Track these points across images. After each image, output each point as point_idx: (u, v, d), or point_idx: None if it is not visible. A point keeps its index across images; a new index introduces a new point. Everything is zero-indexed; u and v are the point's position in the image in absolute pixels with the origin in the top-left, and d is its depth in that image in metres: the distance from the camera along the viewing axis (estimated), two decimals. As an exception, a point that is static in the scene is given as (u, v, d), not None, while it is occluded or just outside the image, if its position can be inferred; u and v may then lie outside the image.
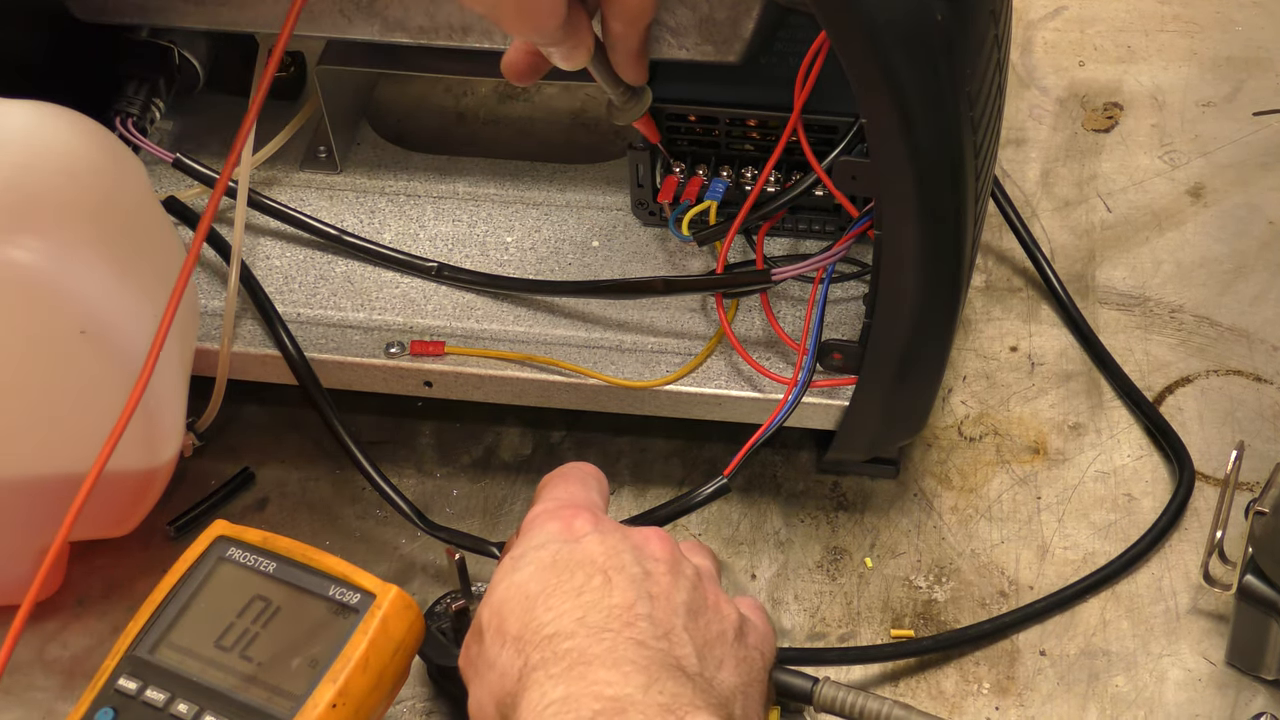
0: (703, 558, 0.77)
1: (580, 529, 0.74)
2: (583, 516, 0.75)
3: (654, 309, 0.94)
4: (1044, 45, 1.23)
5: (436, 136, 1.07)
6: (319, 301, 0.96)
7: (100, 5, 0.93)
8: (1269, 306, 1.03)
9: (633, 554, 0.72)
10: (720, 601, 0.73)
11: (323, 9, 0.90)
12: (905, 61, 0.73)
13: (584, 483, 0.79)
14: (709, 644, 0.71)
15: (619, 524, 0.75)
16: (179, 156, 0.99)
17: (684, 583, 0.72)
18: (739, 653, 0.72)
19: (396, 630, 0.77)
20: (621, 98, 0.83)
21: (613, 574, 0.70)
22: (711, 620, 0.72)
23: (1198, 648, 0.86)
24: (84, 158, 0.80)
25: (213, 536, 0.81)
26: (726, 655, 0.71)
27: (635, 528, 0.75)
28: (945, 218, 0.79)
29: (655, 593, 0.71)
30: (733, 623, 0.73)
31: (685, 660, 0.69)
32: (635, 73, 0.82)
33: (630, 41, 0.79)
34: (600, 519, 0.75)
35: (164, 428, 0.83)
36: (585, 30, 0.76)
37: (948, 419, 0.98)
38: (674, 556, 0.73)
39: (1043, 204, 1.10)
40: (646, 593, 0.70)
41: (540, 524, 0.75)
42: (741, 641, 0.73)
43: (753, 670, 0.73)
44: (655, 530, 0.75)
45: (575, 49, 0.76)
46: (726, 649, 0.72)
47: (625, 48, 0.79)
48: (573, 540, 0.73)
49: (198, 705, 0.76)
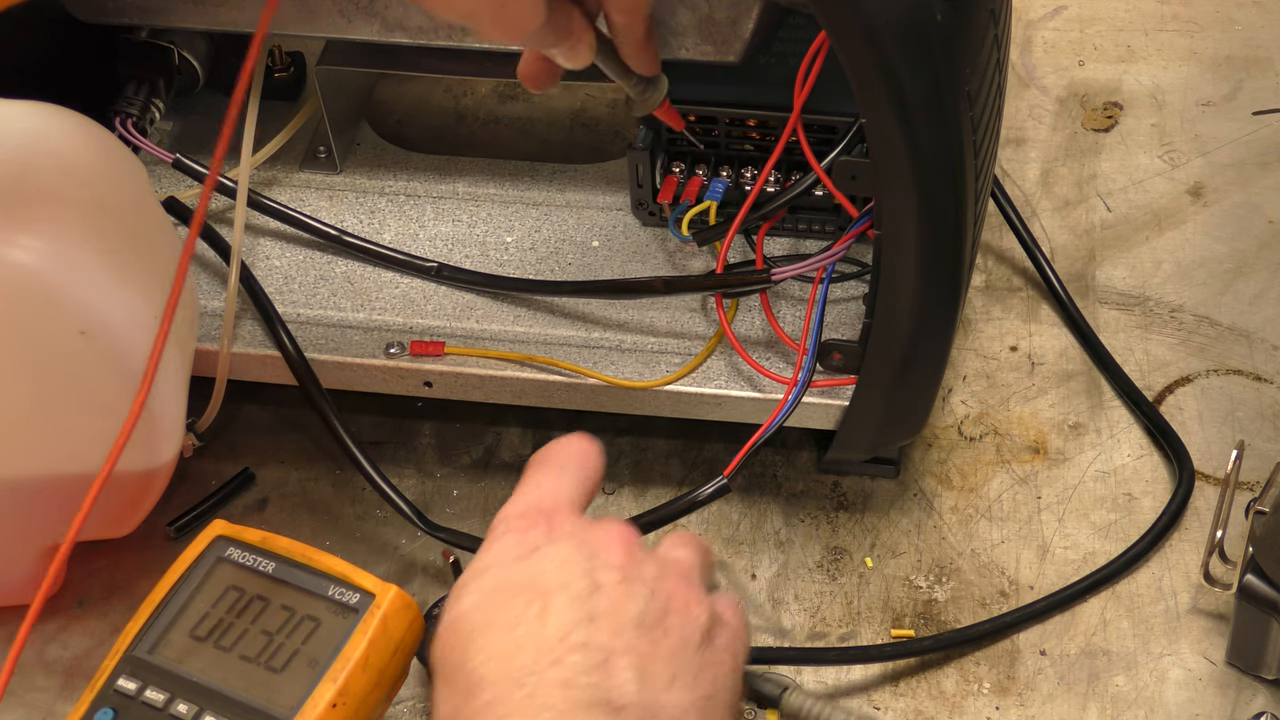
0: (685, 550, 0.73)
1: (534, 540, 0.69)
2: (539, 526, 0.70)
3: (654, 309, 0.94)
4: (1044, 45, 1.23)
5: (436, 136, 1.07)
6: (319, 302, 0.96)
7: (100, 6, 0.93)
8: (1269, 306, 1.03)
9: (584, 566, 0.68)
10: (690, 602, 0.69)
11: (323, 9, 0.90)
12: (905, 61, 0.73)
13: (560, 473, 0.74)
14: (661, 659, 0.67)
15: (581, 526, 0.71)
16: (179, 157, 0.99)
17: (639, 591, 0.68)
18: (703, 658, 0.68)
19: (396, 630, 0.77)
20: (637, 89, 0.82)
21: (553, 597, 0.67)
22: (671, 628, 0.68)
23: (1198, 647, 0.86)
24: (84, 158, 0.81)
25: (211, 536, 0.81)
26: (683, 668, 0.67)
27: (599, 528, 0.70)
28: (945, 217, 0.79)
29: (600, 610, 0.66)
30: (699, 625, 0.69)
31: (619, 690, 0.65)
32: (645, 62, 0.80)
33: (635, 31, 0.77)
34: (558, 525, 0.70)
35: (164, 428, 0.83)
36: (580, 27, 0.74)
37: (948, 419, 0.98)
38: (631, 561, 0.69)
39: (1043, 204, 1.10)
40: (588, 614, 0.66)
41: (496, 538, 0.71)
42: (708, 645, 0.69)
43: (718, 678, 0.68)
44: (618, 531, 0.70)
45: (575, 47, 0.74)
46: (685, 659, 0.67)
47: (631, 38, 0.78)
48: (524, 557, 0.69)
49: (197, 705, 0.75)
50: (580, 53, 0.75)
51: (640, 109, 0.84)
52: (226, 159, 1.02)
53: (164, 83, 1.01)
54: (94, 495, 0.74)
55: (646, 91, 0.82)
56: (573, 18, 0.73)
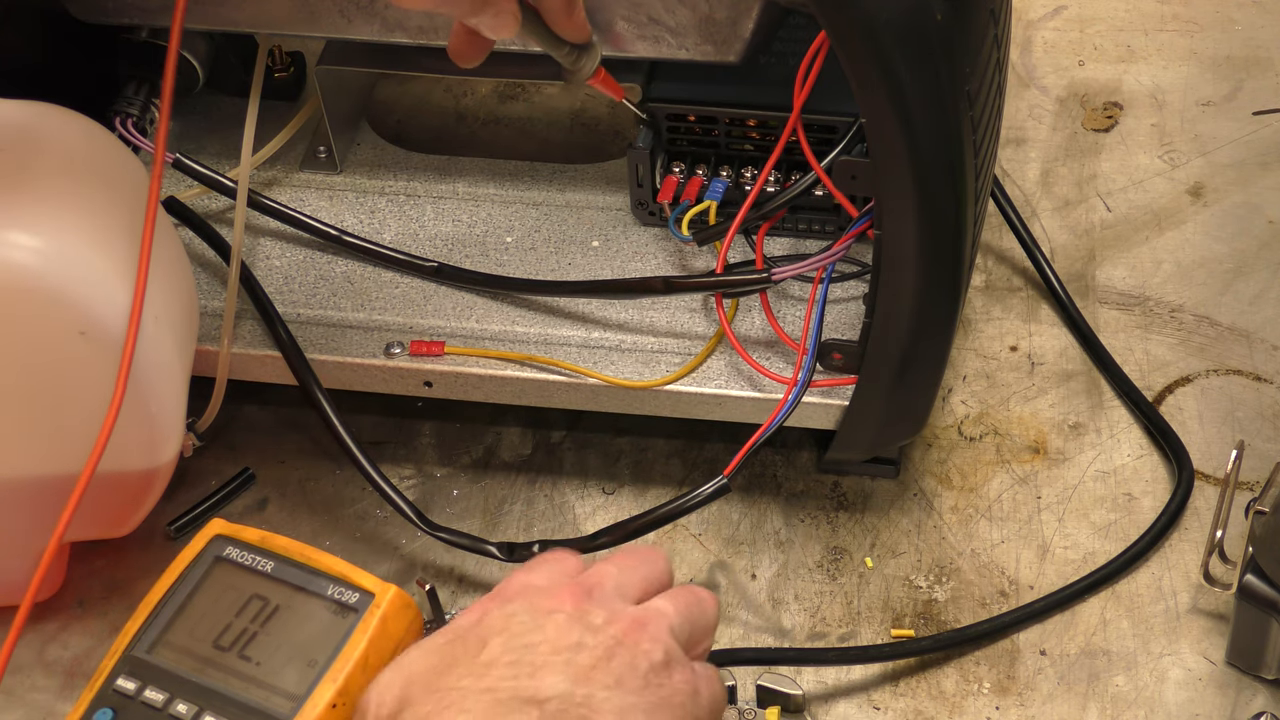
0: (663, 601, 0.71)
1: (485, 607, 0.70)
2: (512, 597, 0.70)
3: (654, 309, 0.94)
4: (1044, 45, 1.23)
5: (436, 136, 1.07)
6: (319, 301, 0.96)
7: (100, 5, 0.93)
8: (1269, 306, 1.03)
9: (529, 617, 0.68)
10: (641, 640, 0.67)
11: (323, 9, 0.90)
12: (905, 61, 0.73)
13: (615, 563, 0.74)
14: (601, 670, 0.66)
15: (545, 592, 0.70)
16: (179, 156, 0.99)
17: (580, 627, 0.67)
18: (656, 680, 0.67)
19: (396, 630, 0.77)
20: (569, 59, 0.79)
21: (492, 639, 0.67)
22: (616, 654, 0.67)
23: (1198, 647, 0.86)
24: (84, 158, 0.81)
25: (210, 535, 0.81)
26: (627, 676, 0.66)
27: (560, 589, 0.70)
28: (945, 217, 0.79)
29: (536, 642, 0.66)
30: (649, 658, 0.67)
31: (546, 689, 0.65)
32: (572, 28, 0.77)
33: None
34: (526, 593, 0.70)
35: (164, 428, 0.83)
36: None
37: (948, 419, 0.98)
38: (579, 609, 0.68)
39: (1042, 204, 1.10)
40: (524, 644, 0.66)
41: None
42: (664, 674, 0.67)
43: (670, 699, 0.67)
44: (570, 588, 0.69)
45: (498, 16, 0.71)
46: (631, 674, 0.66)
47: (554, 3, 0.75)
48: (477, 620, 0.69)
49: (197, 705, 0.75)
50: (504, 22, 0.72)
51: (575, 80, 0.81)
52: (226, 159, 1.02)
53: (164, 82, 1.01)
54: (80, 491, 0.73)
55: (579, 60, 0.79)
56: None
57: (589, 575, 0.71)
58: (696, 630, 0.71)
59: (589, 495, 0.95)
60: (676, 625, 0.70)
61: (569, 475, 0.96)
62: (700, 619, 0.72)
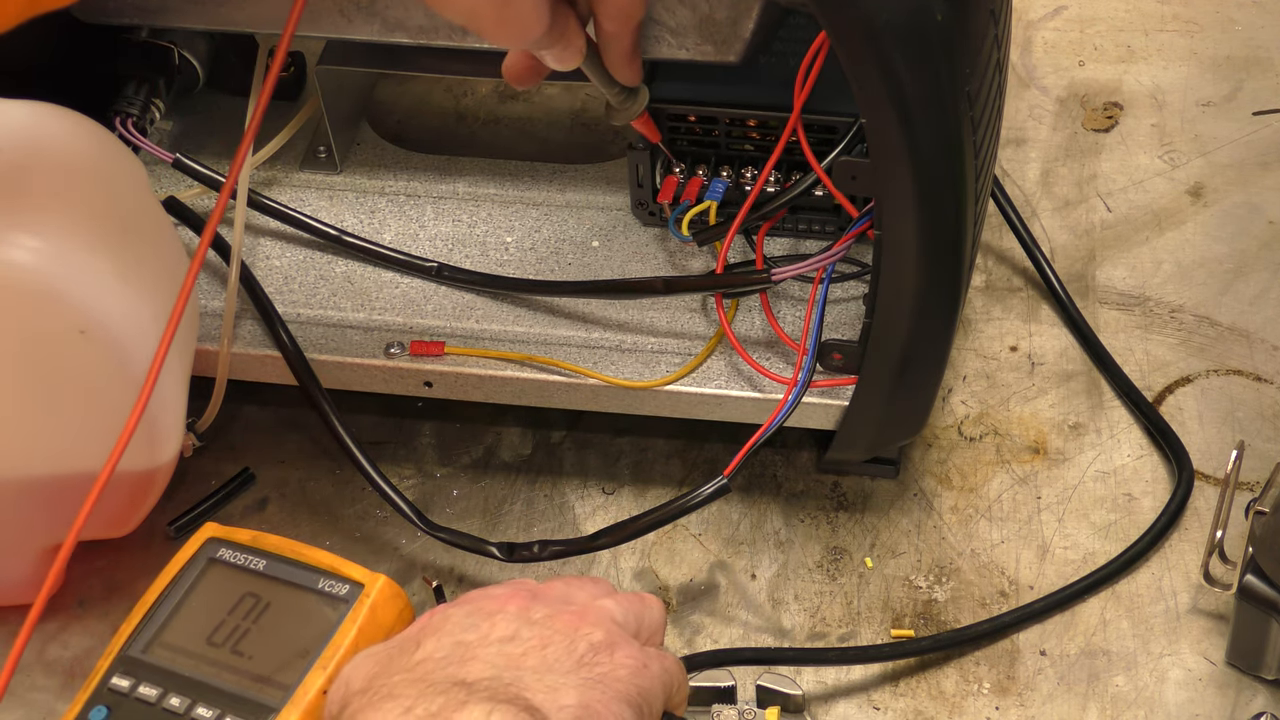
0: (609, 600, 0.72)
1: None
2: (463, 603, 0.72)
3: (654, 309, 0.94)
4: (1044, 45, 1.23)
5: (436, 136, 1.07)
6: (319, 302, 0.96)
7: (100, 5, 0.93)
8: (1269, 306, 1.03)
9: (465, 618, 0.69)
10: (579, 625, 0.69)
11: (323, 9, 0.90)
12: (905, 61, 0.73)
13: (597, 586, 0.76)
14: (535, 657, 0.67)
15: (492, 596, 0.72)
16: (179, 157, 0.99)
17: (513, 621, 0.69)
18: (591, 659, 0.68)
19: (386, 618, 0.77)
20: (618, 98, 0.83)
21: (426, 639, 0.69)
22: (550, 641, 0.68)
23: (1198, 647, 0.86)
24: (84, 158, 0.81)
25: (203, 538, 0.82)
26: (561, 661, 0.68)
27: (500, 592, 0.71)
28: (945, 217, 0.79)
29: (470, 640, 0.68)
30: (588, 640, 0.68)
31: (474, 672, 0.66)
32: (629, 73, 0.81)
33: (622, 41, 0.78)
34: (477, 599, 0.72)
35: (164, 428, 0.83)
36: (574, 31, 0.74)
37: (948, 419, 0.98)
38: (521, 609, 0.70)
39: (1043, 204, 1.10)
40: (457, 641, 0.68)
41: None
42: (604, 653, 0.68)
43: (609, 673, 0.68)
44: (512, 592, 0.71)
45: (566, 51, 0.75)
46: (564, 657, 0.68)
47: (618, 48, 0.78)
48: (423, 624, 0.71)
49: (189, 699, 0.76)
50: (570, 56, 0.75)
51: (619, 118, 0.84)
52: (226, 159, 1.02)
53: (164, 83, 1.01)
54: (95, 496, 0.74)
55: (626, 101, 0.83)
56: (569, 21, 0.74)
57: (539, 585, 0.73)
58: (644, 627, 0.73)
59: (589, 495, 0.95)
60: (620, 618, 0.71)
61: (569, 475, 0.96)
62: (646, 616, 0.73)
